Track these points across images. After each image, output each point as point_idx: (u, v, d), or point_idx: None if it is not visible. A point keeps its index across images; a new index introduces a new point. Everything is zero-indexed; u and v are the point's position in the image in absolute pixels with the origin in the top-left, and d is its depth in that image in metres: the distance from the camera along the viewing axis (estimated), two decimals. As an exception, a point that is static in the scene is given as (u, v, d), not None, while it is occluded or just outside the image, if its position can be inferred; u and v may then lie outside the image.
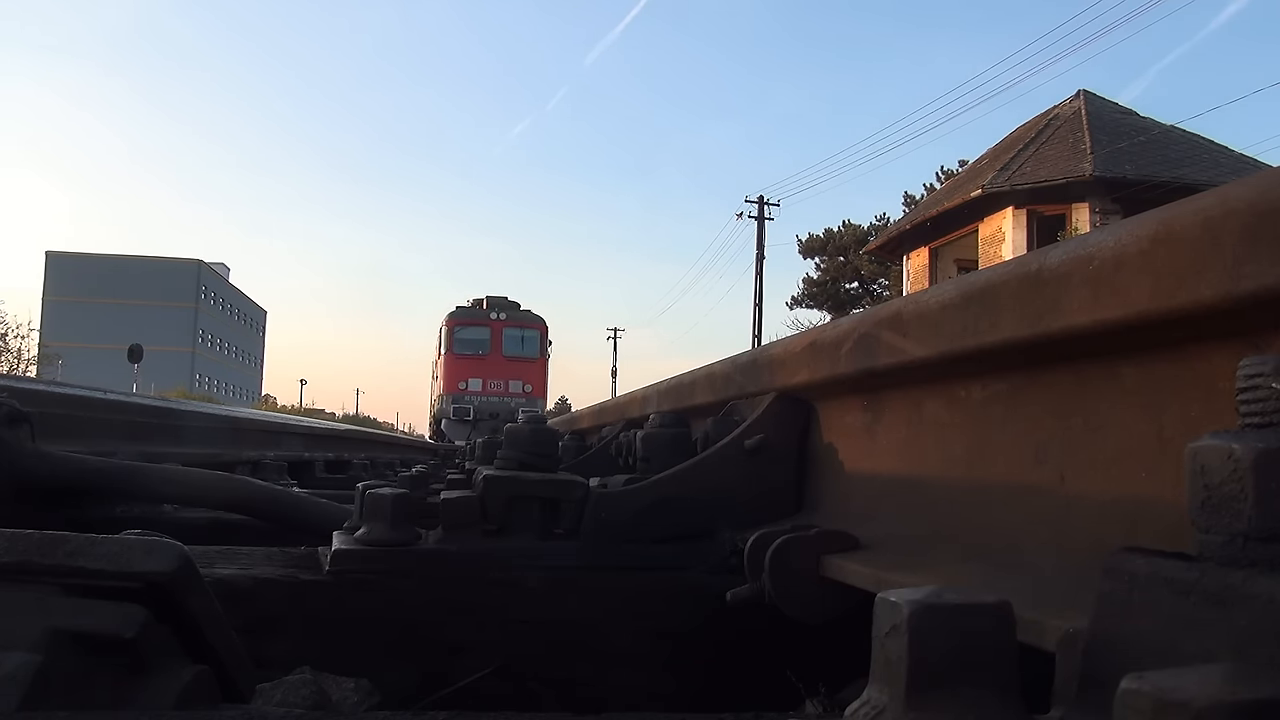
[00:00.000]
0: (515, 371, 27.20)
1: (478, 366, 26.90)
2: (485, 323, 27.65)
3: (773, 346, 1.97)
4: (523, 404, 25.73)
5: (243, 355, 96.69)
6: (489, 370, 26.88)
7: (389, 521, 1.68)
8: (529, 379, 27.61)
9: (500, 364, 27.04)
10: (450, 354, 27.47)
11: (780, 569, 1.34)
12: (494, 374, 26.84)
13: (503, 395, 26.85)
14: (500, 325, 27.62)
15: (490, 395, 26.70)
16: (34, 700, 0.77)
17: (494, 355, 27.24)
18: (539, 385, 28.05)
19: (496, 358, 27.19)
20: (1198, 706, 0.39)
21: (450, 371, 27.24)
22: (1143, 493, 0.95)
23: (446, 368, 27.54)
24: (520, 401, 26.17)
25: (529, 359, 27.88)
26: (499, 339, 27.44)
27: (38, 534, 0.89)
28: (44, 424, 2.83)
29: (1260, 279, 0.73)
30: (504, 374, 26.96)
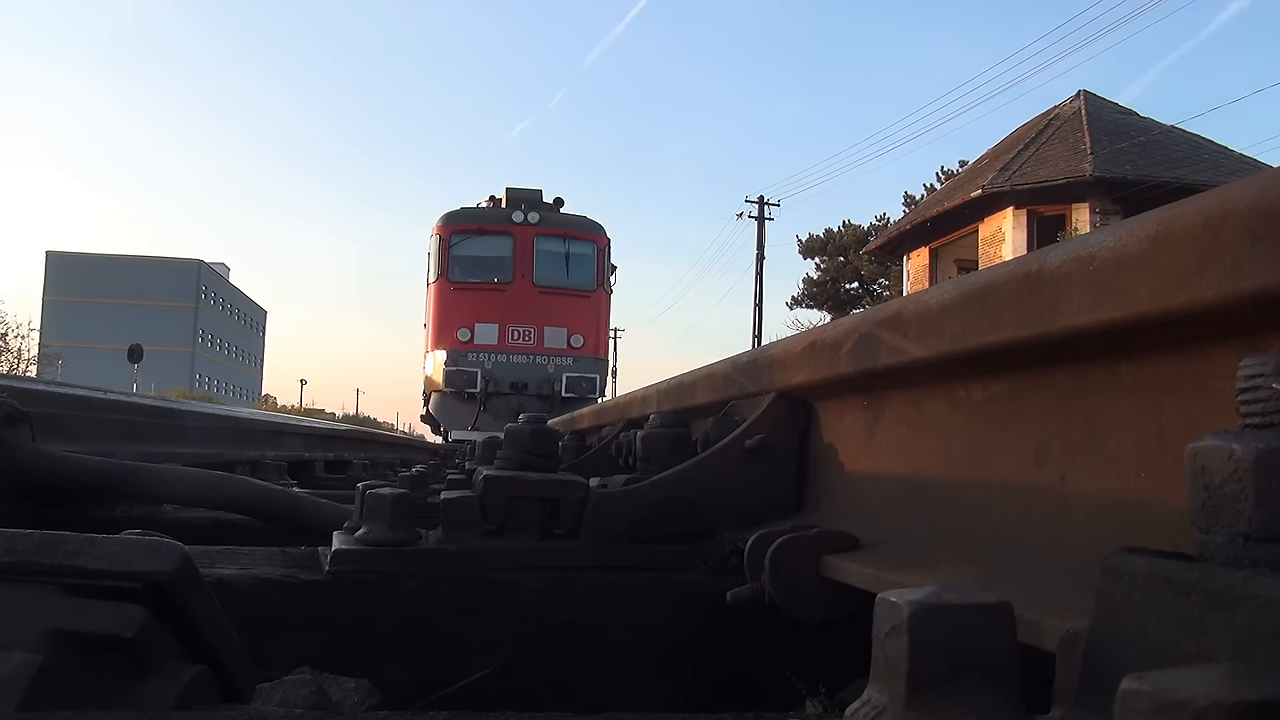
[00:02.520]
0: (556, 311, 15.99)
1: (492, 303, 15.79)
2: (505, 229, 16.06)
3: (773, 346, 1.97)
4: (569, 367, 15.75)
5: (243, 355, 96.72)
6: (511, 309, 15.75)
7: (389, 521, 1.68)
8: (579, 324, 16.18)
9: (530, 298, 15.83)
10: (444, 283, 16.10)
11: (780, 569, 1.34)
12: (519, 315, 15.75)
13: (534, 351, 15.73)
14: (530, 233, 16.08)
15: (513, 351, 15.64)
16: (34, 700, 0.77)
17: (520, 285, 15.93)
18: (595, 336, 16.69)
19: (524, 288, 15.92)
20: (1198, 707, 0.39)
21: (445, 313, 16.00)
22: (1143, 493, 0.95)
23: (439, 307, 16.16)
24: (564, 363, 15.83)
25: (580, 291, 16.39)
26: (528, 256, 15.98)
27: (38, 534, 0.89)
28: (44, 424, 2.83)
29: (1261, 279, 0.73)
30: (536, 315, 15.86)
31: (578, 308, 16.54)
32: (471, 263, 16.38)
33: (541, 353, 16.02)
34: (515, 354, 15.93)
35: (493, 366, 15.65)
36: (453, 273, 16.36)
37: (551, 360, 16.02)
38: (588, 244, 16.95)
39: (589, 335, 16.62)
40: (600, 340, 17.23)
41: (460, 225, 16.60)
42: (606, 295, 17.42)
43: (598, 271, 16.96)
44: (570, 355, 16.19)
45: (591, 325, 16.87)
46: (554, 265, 16.47)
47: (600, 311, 17.23)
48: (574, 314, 16.44)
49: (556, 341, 16.18)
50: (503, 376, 15.65)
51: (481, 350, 15.84)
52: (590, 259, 16.89)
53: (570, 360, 16.10)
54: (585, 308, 16.73)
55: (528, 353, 15.99)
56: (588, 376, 15.81)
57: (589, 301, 16.81)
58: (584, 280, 16.75)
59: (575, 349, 16.29)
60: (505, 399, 15.50)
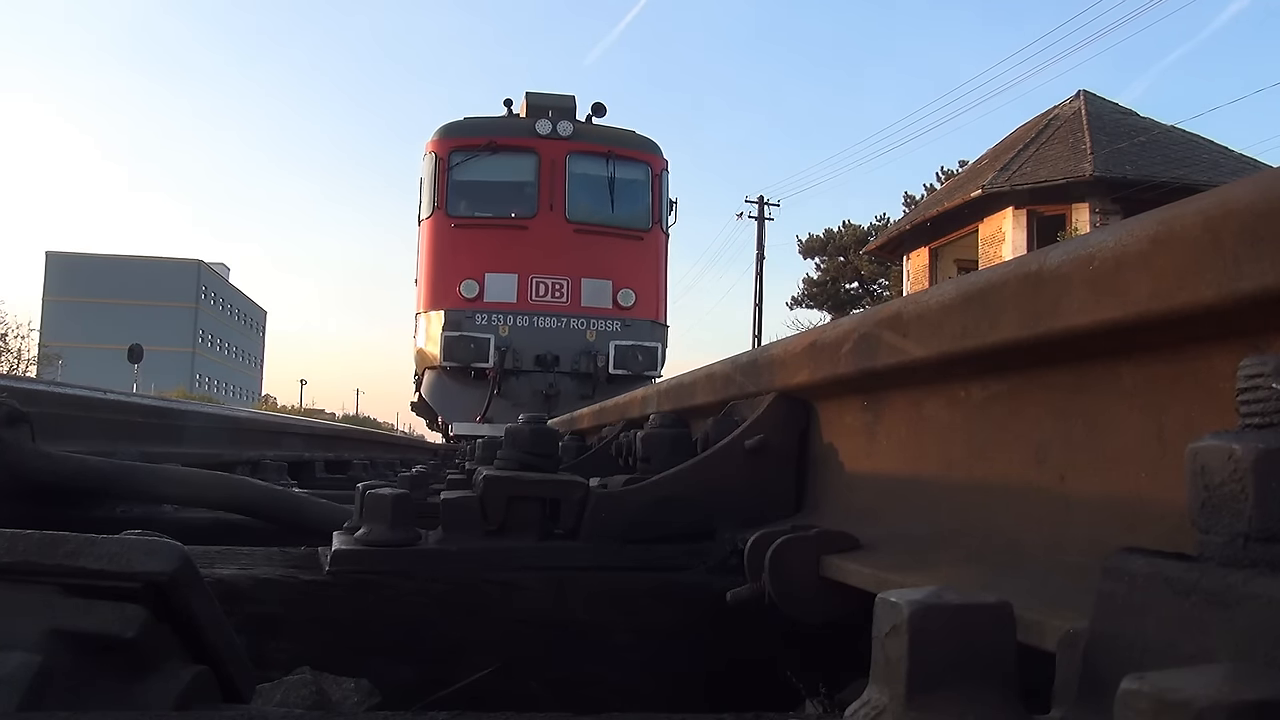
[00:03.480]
0: (598, 257, 11.88)
1: (509, 246, 11.73)
2: (526, 144, 11.86)
3: (773, 347, 1.97)
4: (616, 333, 11.68)
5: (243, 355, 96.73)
6: (536, 254, 11.67)
7: (389, 522, 1.68)
8: (630, 275, 12.06)
9: (562, 240, 11.75)
10: (441, 219, 12.01)
11: (780, 569, 1.34)
12: (547, 262, 11.65)
13: (567, 311, 11.69)
14: (561, 151, 11.86)
15: (539, 312, 11.59)
16: (34, 701, 0.77)
17: (548, 221, 11.78)
18: (652, 291, 12.42)
19: (553, 226, 11.79)
20: (1198, 707, 0.39)
21: (443, 260, 11.93)
22: (1143, 493, 0.95)
23: (434, 252, 12.07)
24: (609, 327, 11.75)
25: (631, 230, 12.24)
26: (558, 181, 11.82)
27: (38, 534, 0.89)
28: (44, 424, 2.83)
29: (1261, 279, 0.73)
30: (571, 262, 11.73)
31: (627, 253, 12.07)
32: (480, 191, 11.91)
33: (578, 313, 11.65)
34: (542, 315, 11.53)
35: (510, 333, 11.29)
36: (454, 205, 11.82)
37: (592, 324, 11.67)
38: (639, 166, 12.23)
39: (643, 290, 12.02)
40: (658, 297, 12.53)
41: (464, 140, 11.85)
42: (664, 237, 12.73)
43: (653, 203, 12.30)
44: (618, 317, 11.77)
45: (646, 276, 12.23)
46: (594, 194, 11.97)
47: (658, 258, 12.62)
48: (622, 261, 11.96)
49: (598, 299, 11.77)
50: (525, 347, 11.26)
51: (495, 310, 11.42)
52: (643, 186, 12.25)
53: (618, 324, 11.72)
54: (637, 253, 12.18)
55: (559, 313, 11.59)
56: (644, 347, 11.46)
57: (643, 245, 12.23)
58: (635, 215, 12.19)
59: (624, 309, 11.83)
60: (528, 379, 11.31)
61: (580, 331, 11.78)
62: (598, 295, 11.93)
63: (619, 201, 12.24)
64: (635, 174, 12.46)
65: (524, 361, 11.40)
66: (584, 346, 11.69)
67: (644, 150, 12.65)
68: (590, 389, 11.24)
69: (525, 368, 11.43)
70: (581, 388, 11.42)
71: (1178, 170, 20.32)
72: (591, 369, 11.46)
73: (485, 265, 11.71)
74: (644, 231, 12.47)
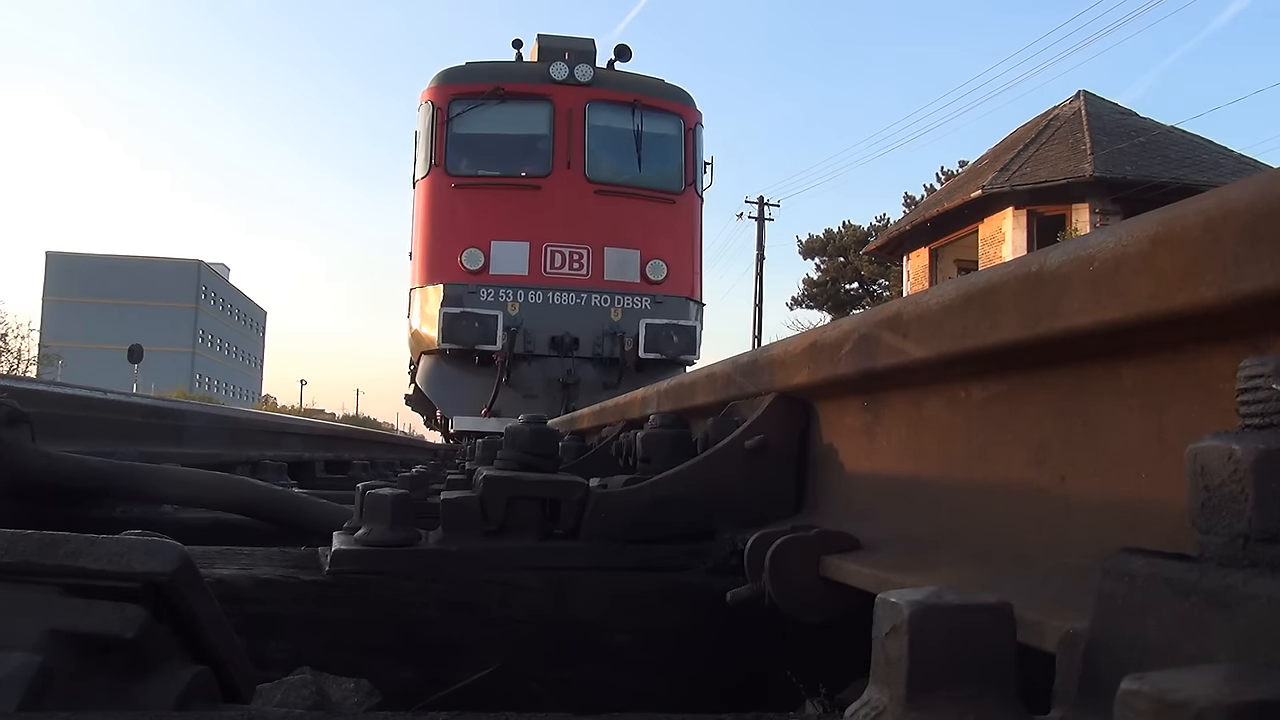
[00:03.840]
0: (623, 223, 10.49)
1: (519, 210, 10.33)
2: (538, 90, 10.38)
3: (773, 347, 1.97)
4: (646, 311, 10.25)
5: (242, 356, 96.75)
6: (551, 219, 10.29)
7: (389, 522, 1.68)
8: (661, 244, 10.67)
9: (581, 202, 10.34)
10: (440, 178, 10.54)
11: (780, 569, 1.34)
12: (564, 228, 10.28)
13: (588, 285, 10.32)
14: (580, 99, 10.40)
15: (554, 286, 10.22)
16: (34, 700, 0.77)
17: (564, 180, 10.35)
18: (686, 262, 11.02)
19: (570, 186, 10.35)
20: (1198, 707, 0.39)
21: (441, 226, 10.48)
22: (1143, 494, 0.95)
23: (431, 216, 10.63)
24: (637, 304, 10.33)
25: (661, 192, 10.79)
26: (576, 134, 10.38)
27: (38, 534, 0.89)
28: (44, 424, 2.83)
29: (1261, 280, 0.73)
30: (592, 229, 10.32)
31: (657, 218, 10.53)
32: (485, 146, 10.42)
33: (601, 288, 10.16)
34: (558, 290, 10.03)
35: (521, 311, 9.84)
36: (454, 162, 10.32)
37: (618, 301, 10.16)
38: (670, 118, 10.68)
39: (676, 261, 10.54)
40: (693, 270, 11.01)
41: (466, 86, 10.30)
42: (699, 201, 11.13)
43: (686, 162, 10.78)
44: (647, 293, 10.29)
45: (679, 245, 10.76)
46: (618, 150, 10.43)
47: (692, 225, 11.09)
48: (651, 228, 10.43)
49: (624, 271, 10.25)
50: (538, 327, 9.79)
51: (503, 285, 9.94)
52: (674, 142, 10.73)
53: (647, 301, 10.23)
54: (668, 219, 10.66)
55: (578, 288, 10.09)
56: (681, 326, 9.95)
57: (675, 209, 10.72)
58: (665, 174, 10.66)
59: (654, 283, 10.31)
60: (542, 365, 9.85)
61: (603, 309, 10.19)
62: (623, 267, 10.35)
63: (647, 159, 10.60)
64: (665, 127, 10.75)
65: (537, 344, 9.89)
66: (608, 327, 10.09)
67: (675, 100, 10.92)
68: (615, 377, 9.78)
69: (539, 351, 9.92)
70: (605, 375, 9.97)
71: (1178, 171, 20.32)
72: (617, 353, 9.94)
73: (491, 232, 10.15)
74: (675, 194, 10.77)
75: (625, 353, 9.96)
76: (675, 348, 9.96)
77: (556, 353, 10.02)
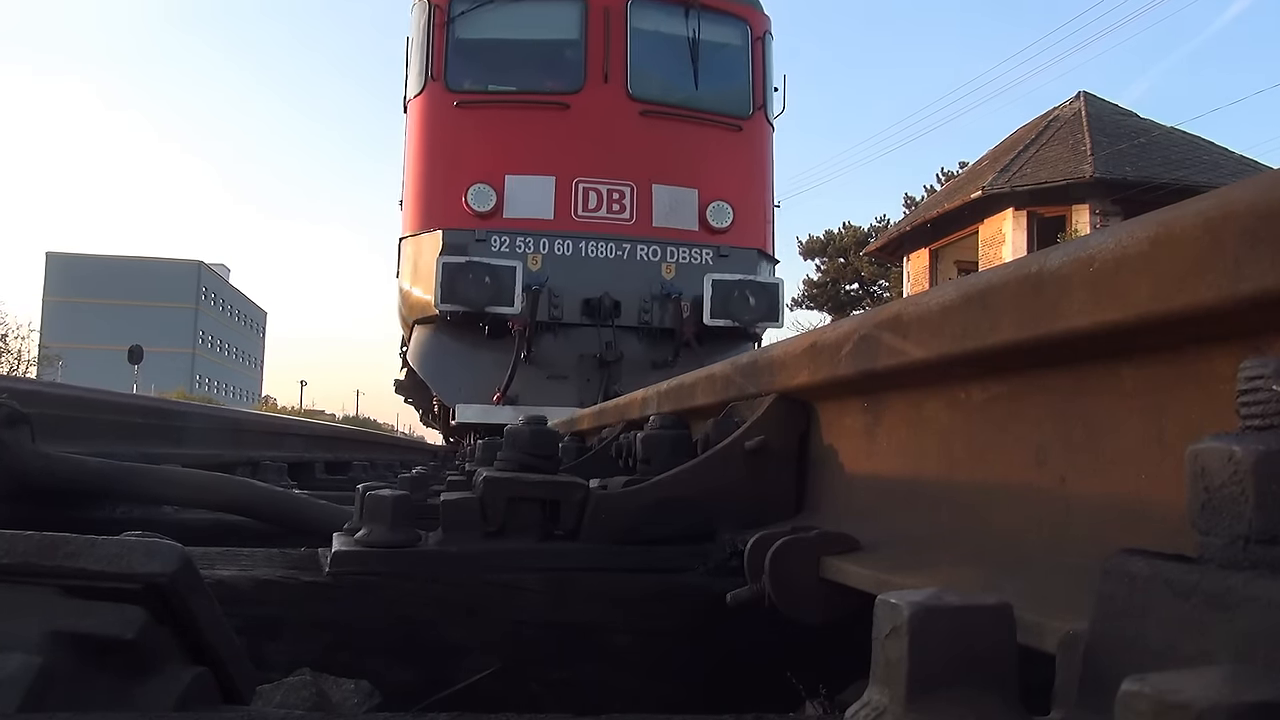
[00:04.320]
0: (676, 153, 8.12)
1: (540, 136, 7.96)
2: None
3: (773, 348, 1.97)
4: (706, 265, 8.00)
5: (242, 356, 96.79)
6: (582, 147, 7.90)
7: (389, 523, 1.68)
8: (724, 182, 8.29)
9: (622, 125, 7.89)
10: (438, 94, 8.13)
11: (780, 571, 1.34)
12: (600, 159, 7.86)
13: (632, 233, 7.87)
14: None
15: (587, 234, 7.79)
16: (35, 702, 0.77)
17: (599, 99, 7.89)
18: (757, 204, 8.68)
19: (607, 105, 7.91)
20: (1198, 708, 0.39)
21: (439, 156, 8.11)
22: (1143, 495, 0.95)
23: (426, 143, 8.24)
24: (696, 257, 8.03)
25: (723, 117, 8.46)
26: (615, 39, 7.90)
27: (38, 535, 0.89)
28: (44, 425, 2.83)
29: (1261, 281, 0.73)
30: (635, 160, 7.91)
31: (720, 149, 8.42)
32: (497, 54, 8.34)
33: (648, 237, 7.95)
34: (593, 240, 7.86)
35: (545, 265, 7.71)
36: (456, 74, 8.16)
37: (671, 254, 7.97)
38: (734, 24, 8.57)
39: (744, 204, 8.36)
40: (765, 217, 8.77)
41: None
42: (770, 130, 8.89)
43: (755, 79, 8.66)
44: (709, 244, 8.10)
45: (749, 184, 8.56)
46: (669, 61, 8.28)
47: (763, 159, 8.83)
48: (713, 160, 8.36)
49: (678, 215, 8.06)
50: (568, 287, 7.69)
51: (521, 231, 7.79)
52: (739, 54, 8.62)
53: (709, 254, 8.05)
54: (734, 150, 8.52)
55: (619, 237, 7.90)
56: (760, 284, 7.80)
57: (741, 139, 8.54)
58: (730, 94, 8.56)
59: (718, 231, 8.16)
60: (573, 337, 7.77)
61: (651, 265, 7.91)
62: (677, 210, 8.04)
63: (706, 74, 8.32)
64: (728, 35, 8.51)
65: (566, 309, 7.66)
66: (659, 286, 7.83)
67: (740, 1, 8.59)
68: (670, 352, 7.75)
69: (568, 319, 7.68)
70: (655, 350, 7.86)
71: (1178, 171, 20.33)
72: (670, 321, 7.78)
73: (506, 163, 7.87)
74: (741, 119, 8.51)
75: (682, 320, 7.65)
76: (752, 312, 7.59)
77: (591, 321, 7.68)
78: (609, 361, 7.72)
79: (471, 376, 7.77)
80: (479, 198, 7.92)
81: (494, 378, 7.59)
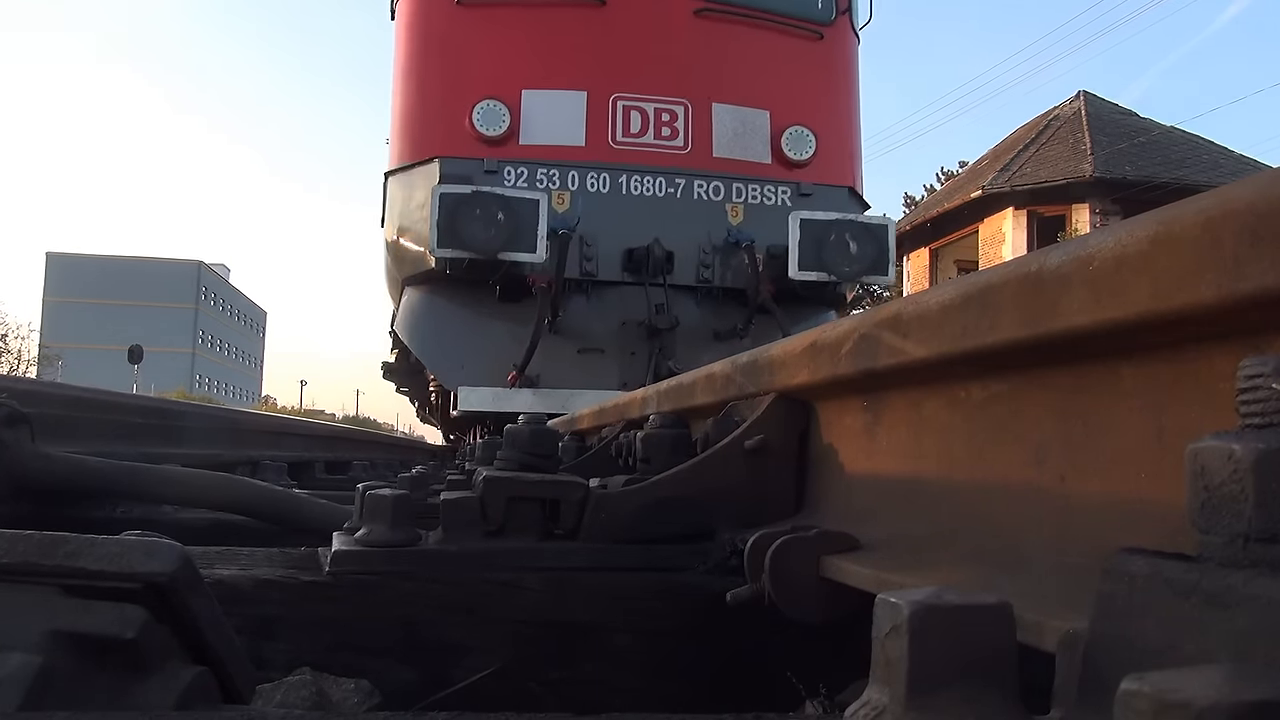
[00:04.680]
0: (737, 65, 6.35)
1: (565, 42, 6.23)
2: None
3: (773, 347, 1.96)
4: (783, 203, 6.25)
5: (242, 356, 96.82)
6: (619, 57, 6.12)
7: (389, 522, 1.68)
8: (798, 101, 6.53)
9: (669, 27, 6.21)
10: None
11: (780, 570, 1.34)
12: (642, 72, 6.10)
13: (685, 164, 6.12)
14: None
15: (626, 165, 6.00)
16: (35, 701, 0.77)
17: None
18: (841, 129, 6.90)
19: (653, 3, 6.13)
20: (1198, 707, 0.39)
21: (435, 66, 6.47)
22: (1143, 494, 0.95)
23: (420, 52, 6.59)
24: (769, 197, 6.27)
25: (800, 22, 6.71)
26: None
27: (37, 535, 0.89)
28: (44, 425, 2.83)
29: (1260, 280, 0.73)
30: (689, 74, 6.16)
31: (796, 61, 6.92)
32: None
33: (708, 171, 6.50)
34: (637, 173, 6.37)
35: (575, 205, 6.28)
36: None
37: (738, 191, 6.50)
38: None
39: (829, 131, 6.89)
40: (853, 149, 7.29)
41: None
42: (855, 41, 7.46)
43: None
44: (785, 180, 6.60)
45: (834, 106, 7.13)
46: None
47: (849, 76, 7.40)
48: (788, 75, 6.86)
49: (745, 143, 6.61)
50: (604, 232, 6.27)
51: (543, 162, 6.36)
52: None
53: (786, 193, 6.56)
54: (815, 64, 7.04)
55: (670, 170, 6.45)
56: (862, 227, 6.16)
57: (823, 50, 7.09)
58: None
59: (797, 165, 6.65)
60: (608, 299, 6.34)
61: (713, 205, 6.37)
62: (744, 137, 6.48)
63: None
64: None
65: (603, 262, 6.16)
66: (723, 233, 6.32)
67: None
68: (741, 319, 6.28)
69: (605, 275, 6.19)
70: (719, 316, 6.42)
71: (1178, 171, 20.34)
72: (739, 279, 6.30)
73: (522, 75, 6.40)
74: (823, 25, 6.99)
75: (757, 276, 6.03)
76: (855, 261, 5.90)
77: (635, 278, 6.11)
78: (660, 330, 6.02)
79: (479, 351, 6.12)
80: (488, 118, 6.23)
81: (508, 353, 5.94)
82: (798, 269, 5.81)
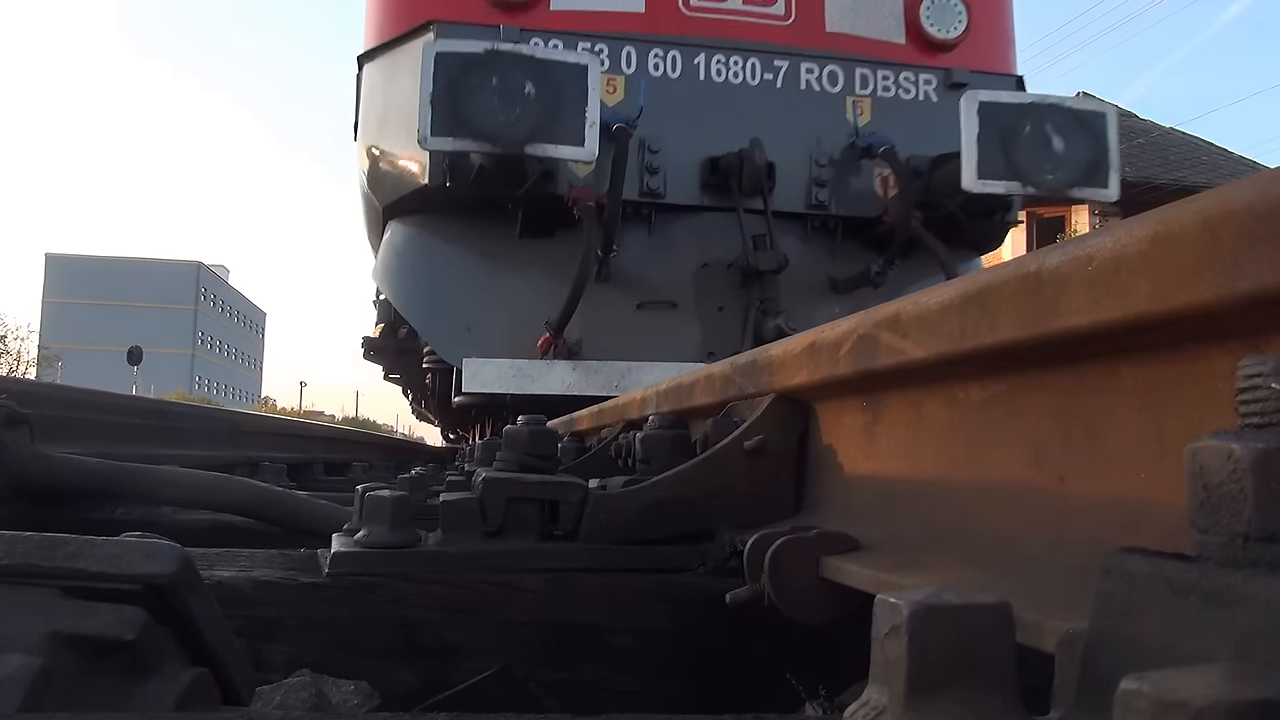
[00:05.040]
0: None
1: None
2: None
3: (772, 348, 1.97)
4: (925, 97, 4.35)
5: (242, 357, 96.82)
6: None
7: (388, 523, 1.68)
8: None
9: None
10: None
11: (779, 571, 1.34)
12: None
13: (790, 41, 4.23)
14: None
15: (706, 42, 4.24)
16: (34, 703, 0.77)
17: None
18: None
19: None
20: (1197, 706, 0.39)
21: None
22: (1142, 494, 0.95)
23: None
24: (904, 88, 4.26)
25: None
26: None
27: (37, 536, 0.89)
28: (43, 426, 2.83)
29: (1259, 279, 0.73)
30: None
31: None
32: None
33: (820, 50, 4.88)
34: (720, 51, 4.72)
35: (631, 97, 4.47)
36: None
37: (864, 79, 4.84)
38: None
39: (980, 3, 5.16)
40: (1007, 25, 5.51)
41: None
42: None
43: None
44: (926, 66, 4.94)
45: None
46: None
47: None
48: None
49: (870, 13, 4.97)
50: (674, 137, 4.58)
51: (583, 34, 4.58)
52: None
53: (930, 83, 4.92)
54: None
55: (766, 48, 4.80)
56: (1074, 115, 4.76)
57: None
58: None
59: (941, 46, 5.01)
60: (685, 229, 4.72)
61: (830, 99, 4.84)
62: (868, 4, 4.98)
63: None
64: None
65: (672, 178, 4.63)
66: (844, 136, 4.82)
67: None
68: (878, 261, 4.72)
69: (676, 196, 4.65)
70: (837, 258, 4.88)
71: (1177, 172, 20.37)
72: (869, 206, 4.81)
73: None
74: None
75: (900, 197, 4.51)
76: (1065, 166, 4.53)
77: (720, 200, 4.59)
78: (760, 273, 4.43)
79: (491, 308, 4.50)
80: None
81: (535, 311, 4.39)
82: (975, 177, 4.06)
